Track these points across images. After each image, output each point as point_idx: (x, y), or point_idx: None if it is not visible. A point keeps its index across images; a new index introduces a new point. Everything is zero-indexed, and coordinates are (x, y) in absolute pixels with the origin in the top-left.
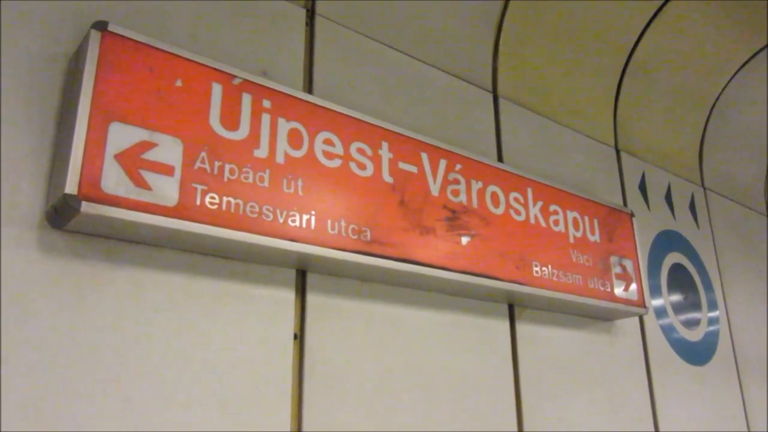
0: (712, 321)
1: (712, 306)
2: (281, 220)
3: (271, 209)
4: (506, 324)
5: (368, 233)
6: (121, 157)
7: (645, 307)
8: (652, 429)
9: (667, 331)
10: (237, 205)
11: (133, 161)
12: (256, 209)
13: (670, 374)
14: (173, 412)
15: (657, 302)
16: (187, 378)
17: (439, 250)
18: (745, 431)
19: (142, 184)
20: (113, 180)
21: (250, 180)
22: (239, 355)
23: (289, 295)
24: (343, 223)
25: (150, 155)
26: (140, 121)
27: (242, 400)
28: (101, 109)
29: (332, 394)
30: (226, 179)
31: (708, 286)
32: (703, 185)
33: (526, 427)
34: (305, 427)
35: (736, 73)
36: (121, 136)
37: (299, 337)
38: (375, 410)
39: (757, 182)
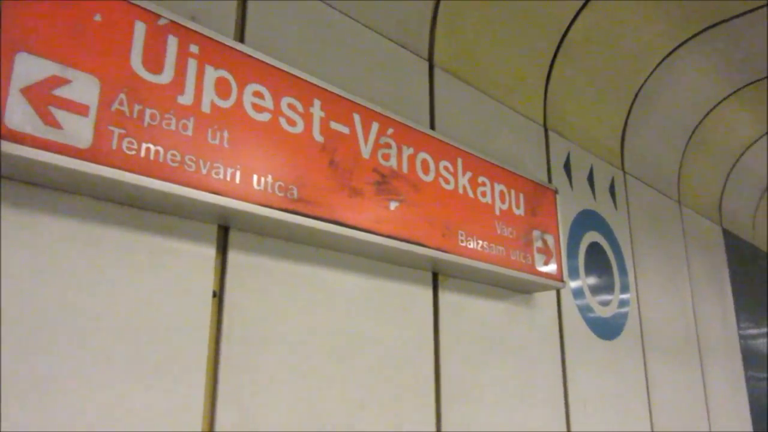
0: (623, 299)
1: (624, 284)
2: (204, 172)
3: (194, 159)
4: (429, 292)
5: (295, 191)
6: (28, 92)
7: (563, 281)
8: (562, 397)
9: (582, 305)
10: (157, 152)
11: (42, 97)
12: (178, 158)
13: (582, 347)
14: (79, 367)
15: (574, 278)
16: (96, 333)
17: (366, 213)
18: (645, 400)
19: (52, 122)
20: (19, 116)
21: (173, 127)
22: (153, 310)
23: (210, 251)
24: (269, 180)
25: (62, 92)
26: (52, 54)
27: (155, 356)
28: (7, 37)
29: (250, 354)
30: (146, 124)
31: (621, 266)
32: (623, 169)
33: (444, 393)
34: (221, 387)
35: (660, 62)
36: (30, 69)
37: (218, 295)
38: (293, 373)
39: (672, 169)
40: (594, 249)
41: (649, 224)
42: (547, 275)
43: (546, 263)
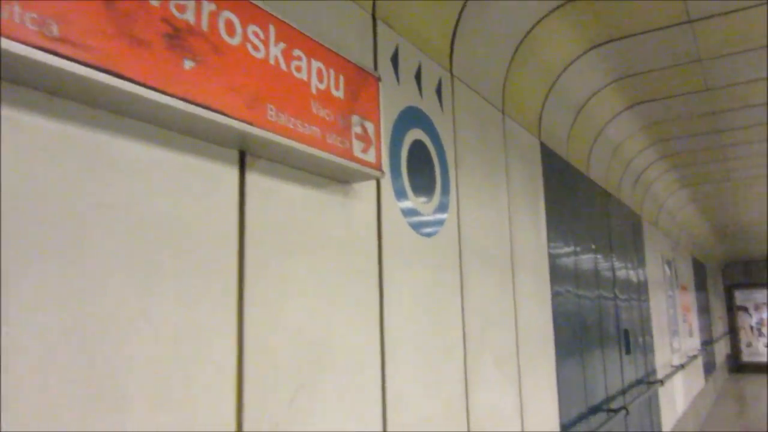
0: (443, 200)
1: (446, 185)
2: None
3: None
4: (235, 174)
5: (55, 28)
6: None
7: (381, 170)
8: (377, 294)
9: (402, 201)
10: None
11: None
12: None
13: (400, 243)
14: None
15: (395, 172)
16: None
17: (154, 68)
18: (459, 299)
19: None
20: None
21: None
22: None
23: None
24: (16, 8)
25: None
26: None
27: None
28: None
29: None
30: None
31: (444, 167)
32: (451, 72)
33: (247, 280)
34: None
35: None
36: None
37: None
38: (64, 253)
39: (499, 79)
40: (417, 147)
41: (473, 130)
42: (365, 163)
43: (365, 151)
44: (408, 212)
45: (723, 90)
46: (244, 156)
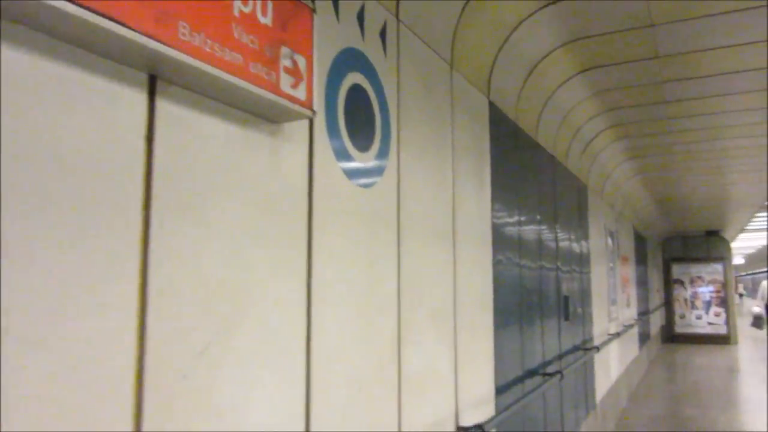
0: (383, 149)
1: (386, 135)
2: None
3: None
4: (144, 99)
5: None
6: None
7: (313, 110)
8: (305, 245)
9: (337, 147)
10: None
11: None
12: None
13: (335, 193)
14: None
15: (331, 116)
16: None
17: None
18: (395, 256)
19: None
20: None
21: None
22: None
23: None
24: None
25: None
26: None
27: None
28: None
29: None
30: None
31: (385, 117)
32: (397, 16)
33: (153, 219)
34: None
35: None
36: None
37: None
38: None
39: (449, 30)
40: (357, 91)
41: (419, 81)
42: (294, 99)
43: (294, 86)
44: (343, 159)
45: (674, 58)
46: (155, 81)
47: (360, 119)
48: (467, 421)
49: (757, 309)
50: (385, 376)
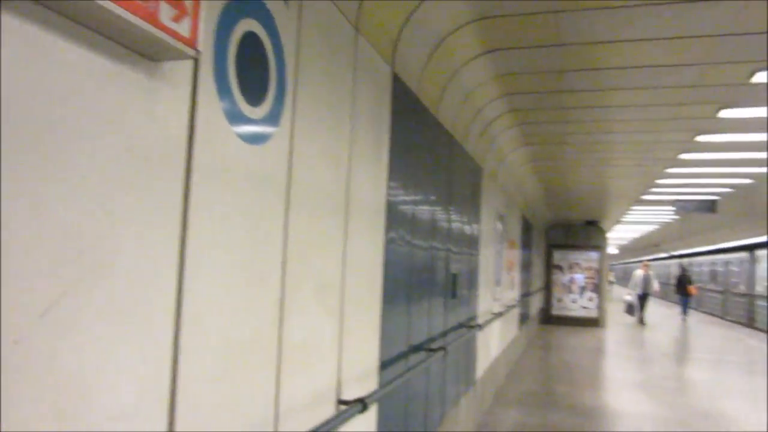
0: (276, 107)
1: (280, 91)
2: None
3: None
4: None
5: None
6: None
7: (197, 50)
8: (181, 196)
9: (225, 95)
10: None
11: None
12: None
13: (217, 143)
14: None
15: (219, 60)
16: None
17: None
18: (282, 221)
19: None
20: None
21: None
22: None
23: None
24: None
25: None
26: None
27: None
28: None
29: None
30: None
31: (281, 71)
32: None
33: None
34: None
35: None
36: None
37: None
38: None
39: None
40: (251, 39)
41: (321, 39)
42: (175, 35)
43: (177, 20)
44: (231, 111)
45: (574, 47)
46: None
47: (253, 70)
48: (349, 395)
49: (629, 297)
50: (264, 347)
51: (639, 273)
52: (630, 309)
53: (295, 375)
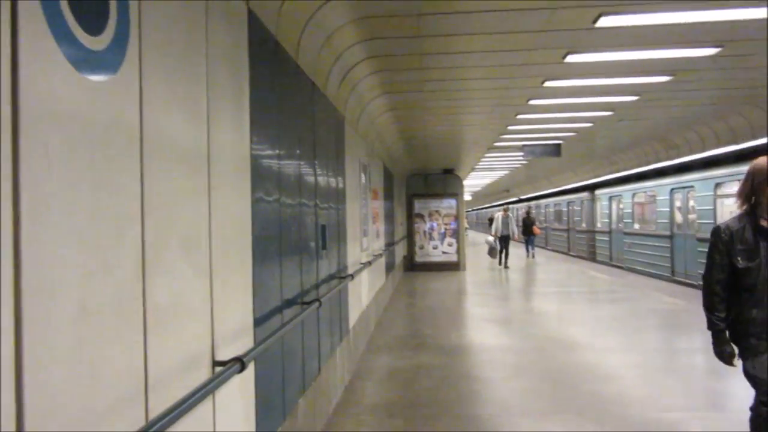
0: (120, 35)
1: (124, 16)
2: None
3: None
4: None
5: None
6: None
7: None
8: (9, 138)
9: (55, 19)
10: None
11: None
12: None
13: (51, 80)
14: None
15: None
16: None
17: None
18: (137, 168)
19: None
20: None
21: None
22: None
23: None
24: None
25: None
26: None
27: None
28: None
29: None
30: None
31: (124, 3)
32: None
33: None
34: None
35: None
36: None
37: None
38: None
39: None
40: None
41: None
42: None
43: None
44: (64, 39)
45: None
46: None
47: None
48: (224, 355)
49: (491, 239)
50: (127, 311)
51: (499, 216)
52: (492, 252)
53: (165, 339)
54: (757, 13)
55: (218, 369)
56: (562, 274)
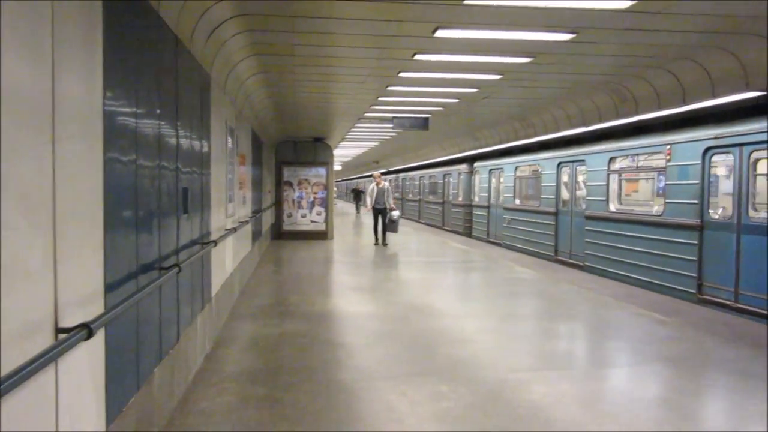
0: None
1: None
2: None
3: None
4: None
5: None
6: None
7: None
8: None
9: None
10: None
11: None
12: None
13: None
14: None
15: None
16: None
17: None
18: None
19: None
20: None
21: None
22: None
23: None
24: None
25: None
26: None
27: None
28: None
29: None
30: None
31: None
32: None
33: None
34: None
35: None
36: None
37: None
38: None
39: None
40: None
41: None
42: None
43: None
44: None
45: None
46: None
47: None
48: (70, 321)
49: (368, 209)
50: None
51: (372, 186)
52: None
53: None
54: (609, 4)
55: (62, 336)
56: (433, 245)
